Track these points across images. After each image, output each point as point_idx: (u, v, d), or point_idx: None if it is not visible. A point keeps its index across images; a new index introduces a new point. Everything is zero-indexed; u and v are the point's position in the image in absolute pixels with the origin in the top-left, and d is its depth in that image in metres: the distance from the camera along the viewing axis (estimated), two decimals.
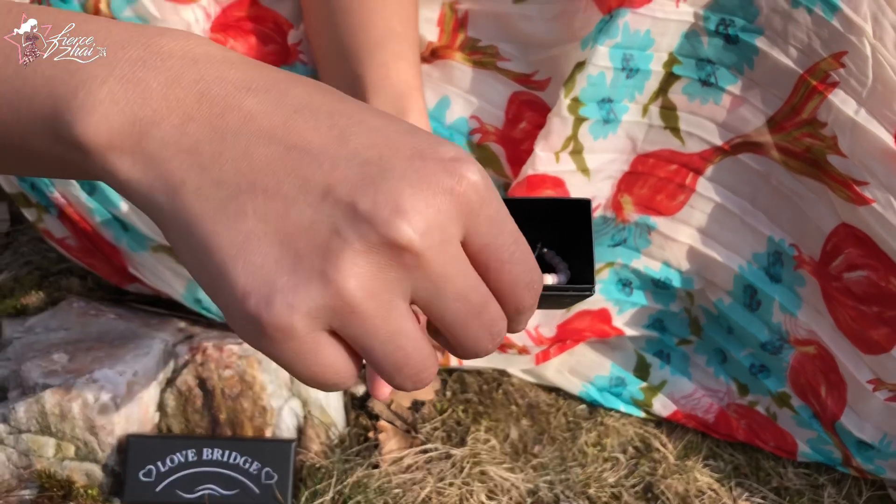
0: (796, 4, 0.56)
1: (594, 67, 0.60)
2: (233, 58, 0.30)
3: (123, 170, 0.29)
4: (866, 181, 0.58)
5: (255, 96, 0.29)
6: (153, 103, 0.29)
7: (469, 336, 0.31)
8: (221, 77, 0.29)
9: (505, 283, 0.31)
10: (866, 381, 0.63)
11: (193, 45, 0.30)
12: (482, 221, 0.29)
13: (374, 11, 0.59)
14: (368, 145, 0.28)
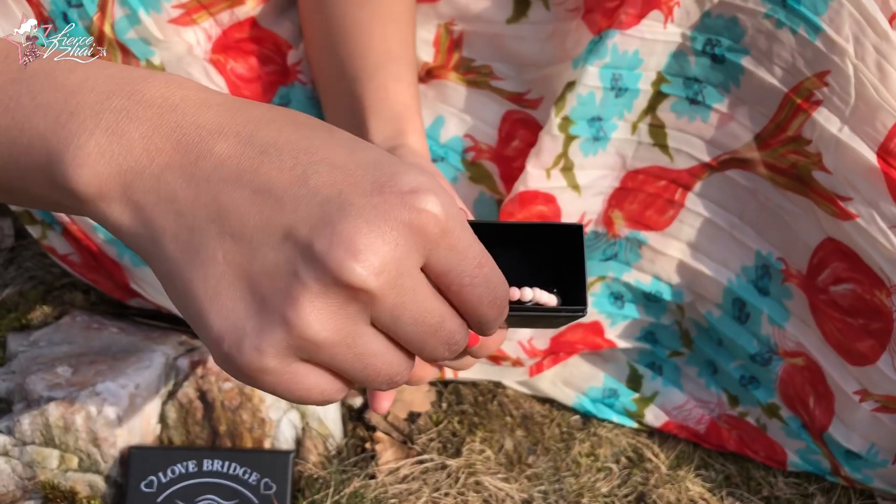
0: (780, 25, 0.58)
1: (584, 87, 0.61)
2: (209, 99, 0.32)
3: (114, 216, 0.32)
4: (850, 197, 0.59)
5: (226, 140, 0.31)
6: (136, 153, 0.31)
7: (426, 350, 0.33)
8: (196, 122, 0.31)
9: (468, 302, 0.32)
10: (853, 392, 0.65)
11: (174, 89, 0.32)
12: (442, 250, 0.30)
13: (374, 35, 0.60)
14: (329, 183, 0.30)
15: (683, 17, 0.60)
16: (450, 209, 0.30)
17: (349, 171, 0.30)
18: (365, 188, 0.29)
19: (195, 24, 0.65)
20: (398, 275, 0.29)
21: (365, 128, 0.58)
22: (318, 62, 0.64)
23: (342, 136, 0.32)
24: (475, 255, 0.32)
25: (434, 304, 0.31)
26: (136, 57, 0.63)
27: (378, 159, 0.31)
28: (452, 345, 0.33)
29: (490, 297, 0.33)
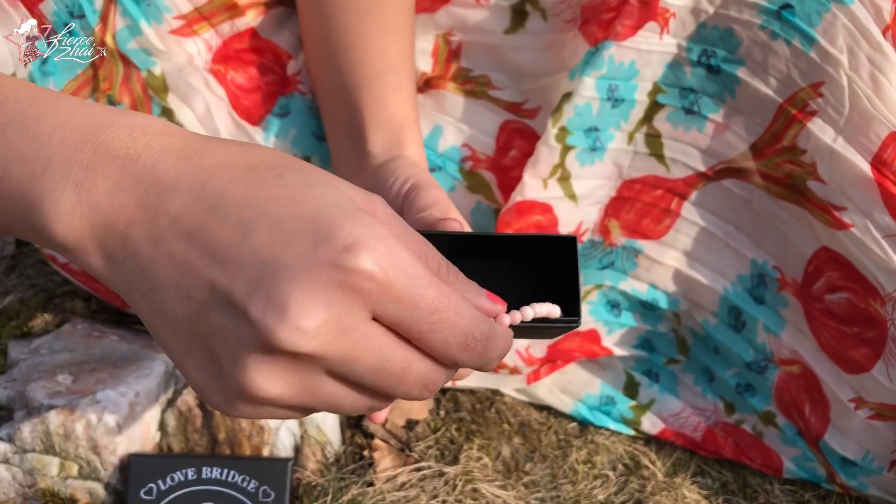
0: (775, 37, 0.58)
1: (581, 98, 0.62)
2: (169, 146, 0.33)
3: (93, 266, 0.34)
4: (844, 206, 0.60)
5: (180, 196, 0.32)
6: (104, 209, 0.32)
7: (398, 393, 0.33)
8: (155, 176, 0.32)
9: (434, 347, 0.32)
10: (848, 400, 0.65)
11: (137, 136, 0.33)
12: (387, 303, 0.31)
13: (373, 46, 0.61)
14: (267, 243, 0.30)
15: (679, 29, 0.61)
16: (389, 261, 0.30)
17: (287, 228, 0.30)
18: (300, 248, 0.30)
19: (196, 35, 0.65)
20: (339, 332, 0.30)
21: (364, 138, 0.58)
22: (317, 73, 0.65)
23: (289, 181, 0.32)
24: (428, 303, 0.31)
25: (393, 352, 0.32)
26: (137, 67, 0.64)
27: (318, 212, 0.31)
28: (429, 385, 0.33)
29: (458, 341, 0.33)
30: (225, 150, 0.33)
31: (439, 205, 0.48)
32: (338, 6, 0.62)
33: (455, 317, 0.32)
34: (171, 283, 0.32)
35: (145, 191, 0.32)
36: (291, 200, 0.31)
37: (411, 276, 0.31)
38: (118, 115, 0.34)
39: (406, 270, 0.31)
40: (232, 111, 0.66)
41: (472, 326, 0.33)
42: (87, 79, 0.62)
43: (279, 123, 0.67)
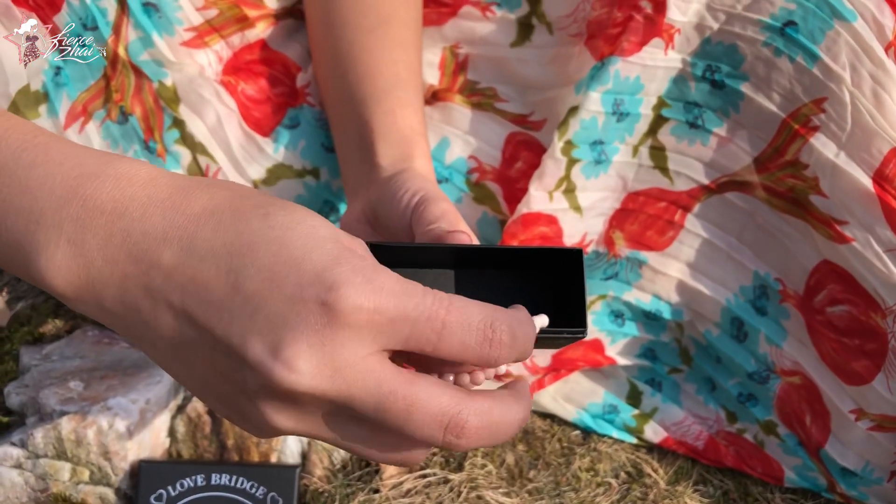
0: (779, 53, 0.59)
1: (586, 112, 0.63)
2: (154, 196, 0.34)
3: (98, 317, 0.35)
4: (846, 221, 0.61)
5: (170, 248, 0.33)
6: (97, 265, 0.33)
7: (416, 433, 0.32)
8: (143, 230, 0.33)
9: (454, 355, 0.32)
10: (849, 411, 0.66)
11: (123, 188, 0.34)
12: (385, 329, 0.31)
13: (381, 60, 0.62)
14: (257, 291, 0.31)
15: (684, 44, 0.62)
16: (372, 289, 0.31)
17: (274, 274, 0.31)
18: (287, 293, 0.31)
19: (207, 47, 0.66)
20: (334, 371, 0.30)
21: (373, 151, 0.59)
22: (326, 86, 0.66)
23: (276, 222, 0.32)
24: (425, 315, 0.31)
25: (394, 386, 0.31)
26: (149, 78, 0.64)
27: (304, 255, 0.31)
28: (451, 425, 0.32)
29: (477, 338, 0.32)
30: (210, 196, 0.34)
31: (448, 217, 0.48)
32: (346, 21, 0.62)
33: (461, 316, 0.32)
34: (177, 334, 0.33)
35: (135, 245, 0.33)
36: (278, 244, 0.32)
37: (398, 295, 0.31)
38: (104, 164, 0.35)
39: (392, 292, 0.31)
40: (242, 122, 0.67)
41: (485, 319, 0.32)
42: (100, 90, 0.63)
43: (289, 135, 0.68)
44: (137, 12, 0.62)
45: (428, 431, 0.31)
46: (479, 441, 0.32)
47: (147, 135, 0.65)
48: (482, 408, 0.32)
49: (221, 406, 0.34)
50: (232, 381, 0.32)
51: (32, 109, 0.61)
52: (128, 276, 0.33)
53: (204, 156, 0.66)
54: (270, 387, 0.31)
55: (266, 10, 0.67)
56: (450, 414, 0.31)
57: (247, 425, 0.34)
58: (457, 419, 0.31)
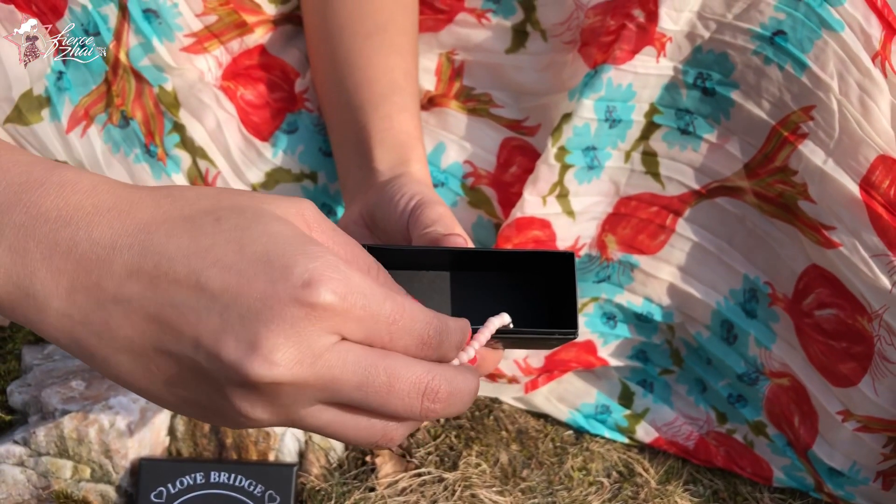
0: (768, 62, 0.60)
1: (579, 119, 0.64)
2: (101, 204, 0.33)
3: (35, 329, 0.33)
4: (834, 226, 0.62)
5: (122, 256, 0.32)
6: (41, 276, 0.32)
7: (397, 407, 0.33)
8: (90, 238, 0.32)
9: (402, 351, 0.34)
10: (836, 413, 0.67)
11: (68, 196, 0.33)
12: (351, 324, 0.32)
13: (378, 67, 0.63)
14: (224, 289, 0.31)
15: (675, 52, 0.63)
16: (346, 288, 0.31)
17: (240, 271, 0.31)
18: (258, 289, 0.31)
19: (206, 52, 0.67)
20: (314, 359, 0.31)
21: (370, 155, 0.60)
22: (324, 92, 0.67)
23: (229, 224, 0.32)
24: (386, 316, 0.32)
25: (373, 362, 0.32)
26: (149, 83, 0.66)
27: (268, 251, 0.31)
28: (429, 393, 0.33)
29: (417, 344, 0.34)
30: (156, 204, 0.33)
31: (444, 221, 0.49)
32: (344, 28, 0.63)
33: (411, 322, 0.33)
34: (136, 344, 0.32)
35: (83, 254, 0.32)
36: (237, 244, 0.31)
37: (367, 297, 0.32)
38: (49, 172, 0.33)
39: (362, 292, 0.32)
40: (242, 127, 0.68)
41: (426, 327, 0.34)
42: (101, 94, 0.64)
43: (287, 139, 0.69)
44: (138, 18, 0.63)
45: (408, 400, 0.33)
46: (447, 407, 0.34)
47: (148, 139, 0.66)
48: (448, 375, 0.34)
49: (189, 408, 0.34)
50: (202, 382, 0.32)
51: (35, 113, 0.62)
52: (75, 287, 0.32)
53: (204, 160, 0.67)
54: (248, 382, 0.30)
55: (264, 16, 0.68)
56: (425, 381, 0.33)
57: (220, 421, 0.34)
58: (431, 385, 0.33)
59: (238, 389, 0.31)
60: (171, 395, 0.33)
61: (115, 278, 0.32)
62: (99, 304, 0.32)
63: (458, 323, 0.36)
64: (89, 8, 0.61)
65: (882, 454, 0.67)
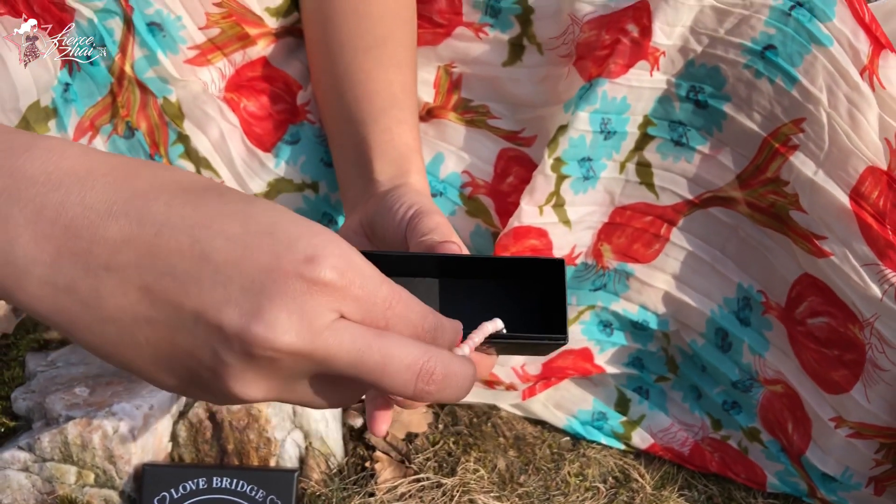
0: (759, 75, 0.62)
1: (575, 131, 0.65)
2: (94, 170, 0.31)
3: (24, 303, 0.31)
4: (825, 236, 0.63)
5: (118, 222, 0.30)
6: (22, 241, 0.30)
7: (391, 385, 0.33)
8: (83, 202, 0.30)
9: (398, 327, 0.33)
10: (828, 419, 0.68)
11: (56, 162, 0.31)
12: (350, 303, 0.31)
13: (378, 80, 0.64)
14: (228, 260, 0.30)
15: (669, 66, 0.64)
16: (346, 266, 0.31)
17: (245, 243, 0.30)
18: (262, 262, 0.30)
19: (210, 64, 0.68)
20: (314, 333, 0.30)
21: (370, 167, 0.61)
22: (325, 104, 0.68)
23: (233, 198, 0.32)
24: (383, 300, 0.33)
25: (369, 341, 0.32)
26: (154, 94, 0.67)
27: (273, 224, 0.31)
28: (424, 374, 0.33)
29: (411, 332, 0.34)
30: (153, 173, 0.32)
31: (440, 230, 0.50)
32: (344, 42, 0.65)
33: (406, 310, 0.33)
34: (127, 314, 0.31)
35: (73, 219, 0.30)
36: (243, 216, 0.31)
37: (366, 277, 0.32)
38: (35, 141, 0.32)
39: (361, 272, 0.32)
40: (245, 138, 0.69)
41: (421, 319, 0.34)
42: (106, 106, 0.65)
43: (289, 150, 0.71)
44: (143, 31, 0.65)
45: (401, 380, 0.32)
46: (442, 391, 0.34)
47: (153, 149, 0.67)
48: (445, 358, 0.34)
49: (173, 380, 0.33)
50: (197, 355, 0.31)
51: (42, 124, 0.63)
52: (62, 252, 0.30)
53: (207, 170, 0.68)
54: (250, 350, 0.30)
55: (266, 29, 0.69)
56: (420, 362, 0.33)
57: (204, 395, 0.33)
58: (427, 366, 0.33)
59: (235, 363, 0.31)
60: (157, 367, 0.32)
61: (109, 245, 0.30)
62: (88, 270, 0.30)
63: (452, 323, 0.37)
64: (95, 21, 0.63)
65: (874, 460, 0.68)
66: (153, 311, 0.31)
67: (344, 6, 0.66)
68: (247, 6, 0.67)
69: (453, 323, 0.37)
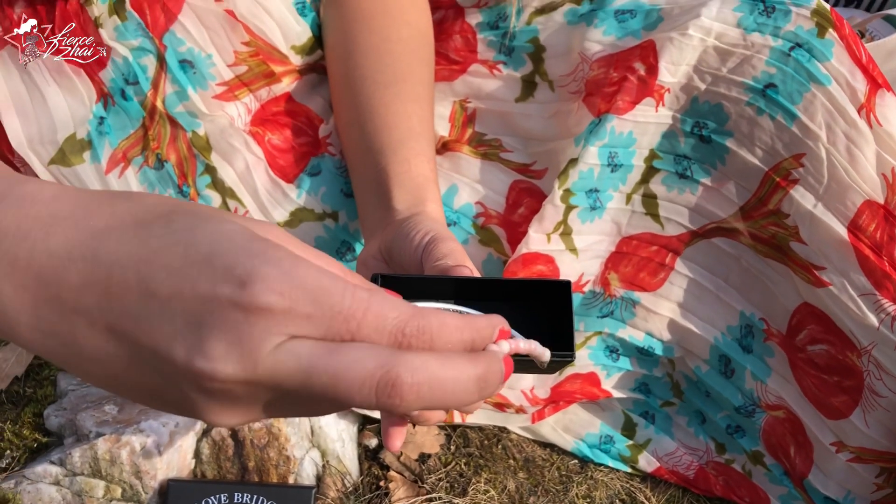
0: (761, 112, 0.64)
1: (584, 164, 0.68)
2: (57, 213, 0.32)
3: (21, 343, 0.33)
4: (824, 266, 0.65)
5: (76, 266, 0.31)
6: (7, 292, 0.32)
7: (349, 400, 0.30)
8: (48, 250, 0.31)
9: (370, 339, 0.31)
10: (830, 444, 0.70)
11: (26, 211, 0.32)
12: (300, 322, 0.30)
13: (398, 114, 0.67)
14: (172, 295, 0.30)
15: (673, 102, 0.67)
16: (287, 285, 0.29)
17: (184, 275, 0.30)
18: (202, 293, 0.30)
19: (237, 100, 0.72)
20: (255, 363, 0.29)
21: (389, 196, 0.64)
22: (346, 136, 0.71)
23: (179, 226, 0.31)
24: (342, 312, 0.30)
25: (314, 361, 0.30)
26: (183, 128, 0.70)
27: (211, 251, 0.30)
28: (383, 381, 0.30)
29: (387, 339, 0.31)
30: (112, 210, 0.32)
31: (454, 255, 0.52)
32: (365, 78, 0.68)
33: (378, 318, 0.30)
34: (101, 352, 0.31)
35: (41, 267, 0.31)
36: (184, 246, 0.30)
37: (316, 293, 0.30)
38: (11, 185, 0.33)
39: (308, 289, 0.30)
40: (269, 169, 0.73)
41: (398, 322, 0.31)
42: (138, 138, 0.69)
43: (311, 181, 0.74)
44: (174, 68, 0.68)
45: (360, 397, 0.30)
46: (421, 398, 0.30)
47: (181, 180, 0.71)
48: (415, 363, 0.30)
49: (168, 409, 0.34)
50: (167, 388, 0.31)
51: (77, 155, 0.67)
52: (38, 300, 0.31)
53: (233, 199, 0.72)
54: (202, 385, 0.30)
55: (291, 66, 0.73)
56: (377, 375, 0.30)
57: (200, 418, 0.33)
58: (386, 378, 0.30)
59: (196, 396, 0.31)
60: (148, 398, 0.33)
61: (73, 289, 0.31)
62: (63, 315, 0.31)
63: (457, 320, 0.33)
64: (130, 59, 0.66)
65: (875, 484, 0.70)
66: (122, 350, 0.31)
67: (366, 44, 0.69)
68: (273, 44, 0.71)
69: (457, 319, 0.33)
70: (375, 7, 0.70)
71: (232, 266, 0.29)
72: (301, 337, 0.30)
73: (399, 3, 0.71)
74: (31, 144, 0.66)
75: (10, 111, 0.65)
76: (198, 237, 0.31)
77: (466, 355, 0.32)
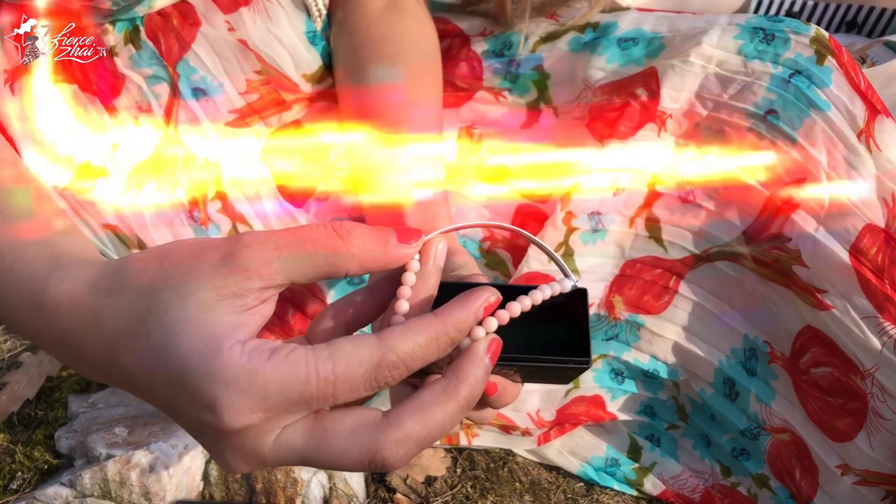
0: (762, 138, 0.65)
1: (587, 188, 0.69)
2: (83, 328, 0.38)
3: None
4: (826, 290, 0.66)
5: (101, 375, 0.39)
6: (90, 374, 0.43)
7: (351, 468, 0.36)
8: (82, 357, 0.39)
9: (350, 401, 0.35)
10: (835, 466, 0.70)
11: (60, 321, 0.39)
12: (285, 418, 0.34)
13: None
14: (176, 410, 0.36)
15: (675, 127, 0.68)
16: (254, 399, 0.32)
17: (179, 398, 0.34)
18: (193, 415, 0.34)
19: (248, 127, 0.73)
20: (261, 461, 0.35)
21: (400, 214, 0.65)
22: (356, 158, 0.72)
23: (155, 341, 0.35)
24: (318, 395, 0.33)
25: (310, 454, 0.35)
26: (195, 154, 0.72)
27: (182, 378, 0.34)
28: (376, 466, 0.34)
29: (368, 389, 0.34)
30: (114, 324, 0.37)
31: (467, 266, 0.54)
32: (375, 104, 0.70)
33: (346, 385, 0.33)
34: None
35: (89, 364, 0.39)
36: (164, 370, 0.34)
37: (281, 390, 0.33)
38: (45, 289, 0.40)
39: (270, 392, 0.32)
40: (278, 195, 0.74)
41: (368, 378, 0.34)
42: (151, 165, 0.70)
43: (320, 206, 0.75)
44: (187, 96, 0.70)
45: (358, 471, 0.37)
46: (410, 457, 0.34)
47: (192, 206, 0.72)
48: (396, 437, 0.33)
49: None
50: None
51: (91, 182, 0.68)
52: (113, 379, 0.38)
53: (243, 224, 0.73)
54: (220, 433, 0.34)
55: (301, 95, 0.75)
56: (367, 458, 0.34)
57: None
58: (374, 459, 0.34)
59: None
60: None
61: (115, 381, 0.38)
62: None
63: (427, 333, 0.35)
64: (144, 88, 0.68)
65: None
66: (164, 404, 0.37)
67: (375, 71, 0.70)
68: (284, 73, 0.72)
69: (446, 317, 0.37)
70: (385, 34, 0.72)
71: (198, 394, 0.33)
72: (293, 422, 0.34)
73: (408, 30, 0.72)
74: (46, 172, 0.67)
75: (28, 139, 0.66)
76: (170, 357, 0.33)
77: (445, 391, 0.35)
